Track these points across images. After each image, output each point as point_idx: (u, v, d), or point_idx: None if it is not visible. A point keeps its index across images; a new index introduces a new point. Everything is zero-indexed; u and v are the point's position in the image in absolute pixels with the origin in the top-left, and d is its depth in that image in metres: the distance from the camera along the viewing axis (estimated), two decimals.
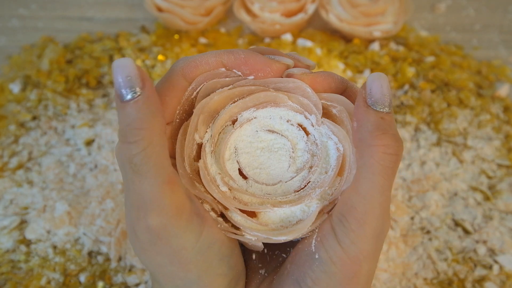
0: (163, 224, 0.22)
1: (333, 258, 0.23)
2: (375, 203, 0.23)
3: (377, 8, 0.58)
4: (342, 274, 0.23)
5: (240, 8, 0.60)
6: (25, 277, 0.40)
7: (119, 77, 0.21)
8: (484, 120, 0.52)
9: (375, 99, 0.23)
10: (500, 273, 0.41)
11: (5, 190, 0.46)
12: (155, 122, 0.22)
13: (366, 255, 0.23)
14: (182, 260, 0.23)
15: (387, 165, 0.23)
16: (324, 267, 0.23)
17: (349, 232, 0.23)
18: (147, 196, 0.21)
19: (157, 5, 0.59)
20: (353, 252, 0.23)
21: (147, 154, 0.21)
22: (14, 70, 0.56)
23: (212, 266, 0.24)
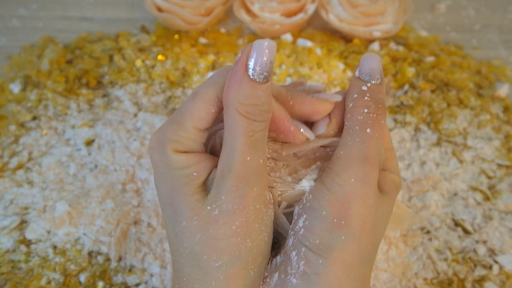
0: (256, 195, 0.25)
1: (322, 203, 0.25)
2: (355, 150, 0.26)
3: (377, 8, 0.58)
4: (332, 217, 0.25)
5: (240, 8, 0.60)
6: (25, 277, 0.40)
7: (264, 58, 0.24)
8: (484, 120, 0.52)
9: (363, 71, 0.27)
10: (500, 273, 0.41)
11: (5, 190, 0.46)
12: (272, 109, 0.26)
13: (354, 197, 0.25)
14: (247, 231, 0.25)
15: (363, 120, 0.26)
16: (316, 213, 0.25)
17: (335, 177, 0.25)
18: (254, 168, 0.25)
19: (157, 5, 0.59)
20: (341, 193, 0.25)
21: (265, 133, 0.26)
22: (14, 70, 0.57)
23: (261, 243, 0.26)
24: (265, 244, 0.26)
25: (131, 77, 0.56)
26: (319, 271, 0.25)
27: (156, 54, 0.58)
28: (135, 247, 0.42)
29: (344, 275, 0.25)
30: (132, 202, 0.45)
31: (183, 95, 0.55)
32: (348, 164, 0.25)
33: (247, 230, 0.25)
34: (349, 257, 0.25)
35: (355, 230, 0.25)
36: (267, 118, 0.25)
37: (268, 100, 0.25)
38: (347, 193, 0.25)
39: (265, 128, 0.25)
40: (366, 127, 0.26)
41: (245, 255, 0.25)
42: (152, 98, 0.54)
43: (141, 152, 0.49)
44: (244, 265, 0.25)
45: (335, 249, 0.25)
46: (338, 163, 0.26)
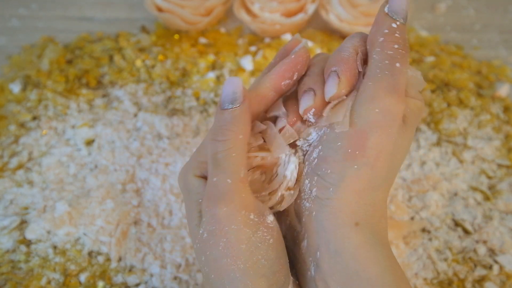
0: (228, 215, 0.25)
1: (339, 134, 0.26)
2: (384, 82, 0.25)
3: (377, 8, 0.58)
4: (347, 147, 0.25)
5: (240, 8, 0.60)
6: (25, 277, 0.40)
7: (227, 90, 0.27)
8: (484, 120, 0.52)
9: (393, 9, 0.27)
10: (500, 273, 0.41)
11: (5, 190, 0.46)
12: (243, 130, 0.27)
13: (375, 127, 0.25)
14: (234, 253, 0.25)
15: (393, 55, 0.26)
16: (331, 144, 0.26)
17: (358, 108, 0.26)
18: (222, 188, 0.25)
19: (157, 5, 0.59)
20: (359, 124, 0.25)
21: (229, 153, 0.26)
22: (14, 70, 0.56)
23: (257, 265, 0.25)
24: (264, 267, 0.25)
25: (131, 77, 0.56)
26: (330, 196, 0.26)
27: (156, 54, 0.58)
28: (135, 247, 0.42)
29: (354, 200, 0.26)
30: (132, 202, 0.45)
31: (183, 95, 0.55)
32: (376, 94, 0.25)
33: (233, 251, 0.25)
34: (360, 184, 0.26)
35: (369, 159, 0.25)
36: (229, 137, 0.26)
37: (232, 120, 0.26)
38: (369, 123, 0.25)
39: (229, 149, 0.26)
40: (396, 61, 0.26)
41: (241, 277, 0.25)
42: (152, 98, 0.54)
43: (141, 152, 0.49)
44: (245, 287, 0.25)
45: (346, 178, 0.25)
46: (365, 93, 0.26)
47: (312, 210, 0.26)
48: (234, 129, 0.26)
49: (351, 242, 0.25)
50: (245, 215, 0.25)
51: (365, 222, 0.26)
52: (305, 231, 0.27)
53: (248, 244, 0.25)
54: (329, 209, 0.26)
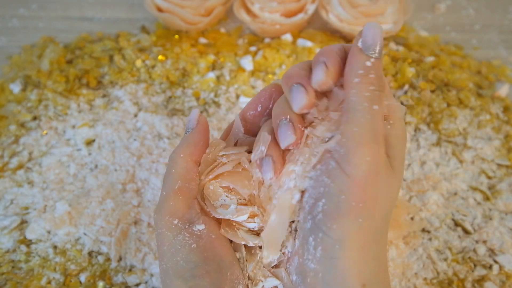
0: (157, 220, 0.29)
1: (342, 188, 0.25)
2: (367, 127, 0.26)
3: (377, 8, 0.58)
4: (351, 200, 0.25)
5: (240, 8, 0.60)
6: (25, 277, 0.40)
7: (189, 119, 0.32)
8: (484, 120, 0.53)
9: (367, 44, 0.27)
10: (500, 273, 0.41)
11: (5, 190, 0.46)
12: (185, 150, 0.30)
13: (370, 175, 0.25)
14: (160, 253, 0.28)
15: (371, 97, 0.26)
16: (334, 198, 0.25)
17: (352, 158, 0.25)
18: (160, 198, 0.29)
19: (157, 5, 0.59)
20: (358, 175, 0.25)
21: (170, 170, 0.30)
22: (14, 70, 0.57)
23: (176, 267, 0.28)
24: (183, 269, 0.27)
25: (131, 77, 0.56)
26: (336, 255, 0.25)
27: (156, 54, 0.58)
28: (135, 247, 0.42)
29: (360, 257, 0.25)
30: (132, 202, 0.45)
31: (183, 95, 0.55)
32: (364, 141, 0.25)
33: (159, 252, 0.29)
34: (365, 238, 0.25)
35: (370, 210, 0.25)
36: (173, 157, 0.30)
37: (181, 143, 0.31)
38: (364, 172, 0.25)
39: (170, 167, 0.30)
40: (373, 103, 0.26)
41: (163, 276, 0.28)
42: (152, 98, 0.54)
43: (141, 152, 0.49)
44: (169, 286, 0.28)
45: (352, 233, 0.25)
46: (353, 141, 0.25)
47: (318, 271, 0.26)
48: (177, 150, 0.30)
49: None
50: (168, 220, 0.28)
51: (371, 282, 0.25)
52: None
53: (169, 246, 0.28)
54: (336, 270, 0.25)
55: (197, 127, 0.31)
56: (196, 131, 0.31)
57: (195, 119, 0.32)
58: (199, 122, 0.32)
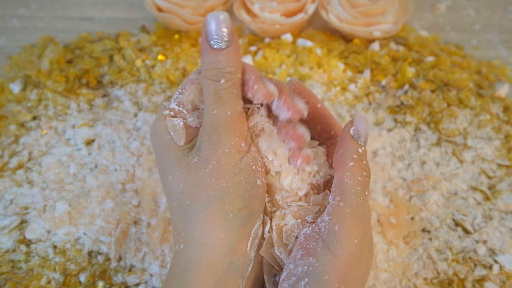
0: (224, 140, 0.29)
1: (326, 268, 0.26)
2: (358, 210, 0.27)
3: (377, 8, 0.58)
4: (334, 281, 0.26)
5: (240, 8, 0.60)
6: (25, 277, 0.40)
7: (214, 27, 0.28)
8: (484, 120, 0.52)
9: (359, 133, 0.30)
10: (500, 273, 0.41)
11: (5, 190, 0.46)
12: (238, 69, 0.30)
13: (355, 258, 0.26)
14: (221, 172, 0.28)
15: (363, 182, 0.29)
16: (318, 277, 0.26)
17: (340, 237, 0.26)
18: (222, 118, 0.29)
19: (157, 5, 0.59)
20: (344, 256, 0.26)
21: (232, 90, 0.29)
22: (14, 70, 0.57)
23: (238, 186, 0.28)
24: (243, 188, 0.28)
25: (131, 77, 0.56)
26: None
27: (156, 54, 0.58)
28: (135, 247, 0.42)
29: None
30: (132, 202, 0.45)
31: None
32: (354, 224, 0.27)
33: (219, 171, 0.28)
34: None
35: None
36: (231, 78, 0.29)
37: (230, 63, 0.29)
38: (350, 254, 0.26)
39: (230, 86, 0.29)
40: (365, 189, 0.29)
41: (220, 195, 0.28)
42: (152, 98, 0.54)
43: (141, 152, 0.49)
44: (221, 205, 0.28)
45: None
46: (344, 222, 0.27)
47: None
48: (232, 70, 0.29)
49: None
50: (238, 142, 0.29)
51: None
52: None
53: (234, 166, 0.28)
54: None
55: (236, 42, 0.29)
56: (236, 47, 0.29)
57: (229, 30, 0.29)
58: (234, 34, 0.29)
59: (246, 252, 0.28)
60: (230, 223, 0.28)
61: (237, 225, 0.28)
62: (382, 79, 0.56)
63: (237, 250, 0.28)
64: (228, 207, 0.28)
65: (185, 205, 0.28)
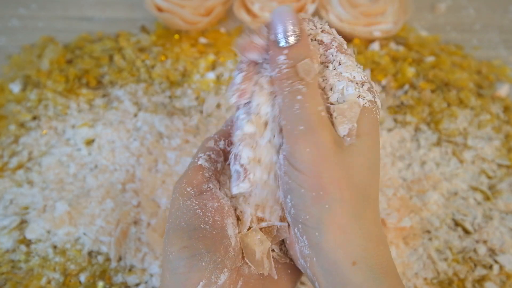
0: (175, 187, 0.31)
1: (298, 182, 0.26)
2: (296, 119, 0.26)
3: (377, 8, 0.58)
4: (310, 191, 0.26)
5: (240, 8, 0.60)
6: (25, 277, 0.40)
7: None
8: (484, 120, 0.52)
9: (277, 34, 0.28)
10: (500, 273, 0.41)
11: (5, 190, 0.46)
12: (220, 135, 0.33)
13: (318, 163, 0.26)
14: (168, 216, 0.30)
15: (292, 91, 0.27)
16: (296, 192, 0.27)
17: (294, 154, 0.26)
18: (184, 171, 0.32)
19: (157, 5, 0.59)
20: (306, 167, 0.26)
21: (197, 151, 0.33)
22: (14, 70, 0.56)
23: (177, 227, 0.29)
24: (181, 229, 0.28)
25: (131, 77, 0.56)
26: (319, 240, 0.26)
27: (156, 54, 0.58)
28: (135, 247, 0.42)
29: (342, 237, 0.26)
30: (132, 202, 0.45)
31: (183, 95, 0.55)
32: (298, 136, 0.26)
33: (168, 215, 0.30)
34: (340, 220, 0.26)
35: (334, 194, 0.26)
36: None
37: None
38: (310, 163, 0.26)
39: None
40: (295, 95, 0.27)
41: (166, 237, 0.29)
42: (152, 98, 0.54)
43: (141, 152, 0.49)
44: (165, 248, 0.29)
45: (325, 219, 0.26)
46: (290, 138, 0.27)
47: (312, 256, 0.27)
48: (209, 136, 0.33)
49: (353, 283, 0.26)
50: (183, 187, 0.30)
51: (362, 258, 0.26)
52: (314, 275, 0.28)
53: (177, 209, 0.29)
54: (324, 253, 0.26)
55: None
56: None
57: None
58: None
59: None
60: (172, 264, 0.27)
61: (178, 267, 0.27)
62: (382, 79, 0.56)
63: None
64: (168, 248, 0.28)
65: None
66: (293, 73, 0.27)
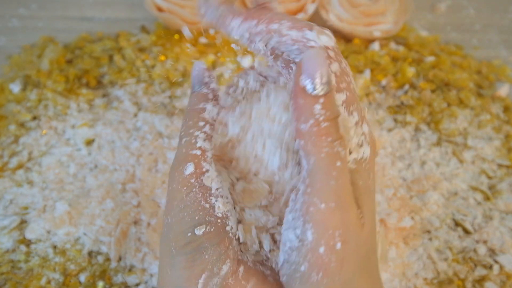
0: (173, 176, 0.28)
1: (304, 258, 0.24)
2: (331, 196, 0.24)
3: (377, 8, 0.58)
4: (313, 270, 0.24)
5: None
6: (25, 277, 0.40)
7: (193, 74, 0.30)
8: (484, 120, 0.52)
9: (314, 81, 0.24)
10: (500, 273, 0.41)
11: (5, 190, 0.46)
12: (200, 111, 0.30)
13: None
14: (168, 209, 0.28)
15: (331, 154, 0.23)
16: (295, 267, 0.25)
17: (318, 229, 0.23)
18: (178, 156, 0.28)
19: (157, 5, 0.59)
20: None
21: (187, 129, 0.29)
22: (14, 70, 0.56)
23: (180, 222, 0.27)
24: (185, 224, 0.27)
25: (131, 77, 0.56)
26: None
27: (156, 54, 0.58)
28: (135, 247, 0.42)
29: None
30: (132, 202, 0.45)
31: (183, 95, 0.55)
32: (323, 215, 0.23)
33: (168, 207, 0.28)
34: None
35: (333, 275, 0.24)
36: (191, 118, 0.29)
37: (199, 101, 0.30)
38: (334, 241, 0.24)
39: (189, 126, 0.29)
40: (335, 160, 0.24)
41: (166, 232, 0.27)
42: (152, 98, 0.54)
43: (141, 152, 0.49)
44: (167, 242, 0.27)
45: None
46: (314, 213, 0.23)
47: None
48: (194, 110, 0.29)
49: None
50: (186, 178, 0.27)
51: None
52: None
53: (180, 202, 0.27)
54: None
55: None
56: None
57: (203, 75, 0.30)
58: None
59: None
60: (174, 259, 0.27)
61: (181, 261, 0.26)
62: (382, 79, 0.56)
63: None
64: (171, 243, 0.27)
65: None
66: (333, 128, 0.23)
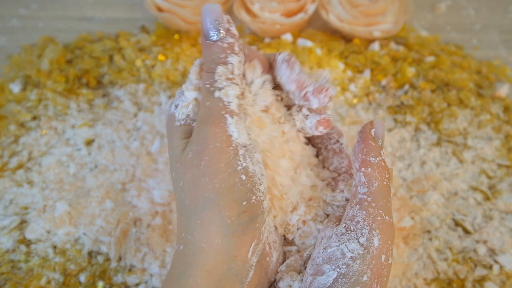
0: (215, 133, 0.26)
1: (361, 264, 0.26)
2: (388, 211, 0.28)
3: (377, 8, 0.58)
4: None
5: (240, 8, 0.60)
6: (25, 277, 0.40)
7: (207, 20, 0.28)
8: (484, 120, 0.52)
9: (379, 137, 0.30)
10: (500, 273, 0.41)
11: (5, 190, 0.46)
12: (236, 60, 0.28)
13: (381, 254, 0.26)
14: (213, 170, 0.26)
15: (388, 184, 0.28)
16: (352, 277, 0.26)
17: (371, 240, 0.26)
18: (214, 110, 0.27)
19: (157, 5, 0.59)
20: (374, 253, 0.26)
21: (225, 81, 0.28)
22: (14, 70, 0.56)
23: (232, 188, 0.26)
24: (239, 191, 0.26)
25: (131, 77, 0.56)
26: None
27: (156, 54, 0.58)
28: (135, 247, 0.42)
29: None
30: (132, 202, 0.45)
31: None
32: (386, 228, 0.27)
33: (212, 169, 0.26)
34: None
35: None
36: (224, 70, 0.28)
37: (224, 54, 0.28)
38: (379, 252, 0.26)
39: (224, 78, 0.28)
40: (389, 195, 0.28)
41: (215, 197, 0.26)
42: (152, 98, 0.54)
43: (141, 152, 0.49)
44: (217, 209, 0.26)
45: None
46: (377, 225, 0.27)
47: None
48: (224, 60, 0.28)
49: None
50: (228, 136, 0.27)
51: None
52: None
53: (227, 164, 0.26)
54: None
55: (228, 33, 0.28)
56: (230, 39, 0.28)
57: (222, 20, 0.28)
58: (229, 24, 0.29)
59: (246, 258, 0.27)
60: (228, 229, 0.26)
61: (235, 232, 0.26)
62: (382, 79, 0.56)
63: (237, 256, 0.26)
64: (224, 212, 0.26)
65: (185, 204, 0.27)
66: (388, 169, 0.29)
